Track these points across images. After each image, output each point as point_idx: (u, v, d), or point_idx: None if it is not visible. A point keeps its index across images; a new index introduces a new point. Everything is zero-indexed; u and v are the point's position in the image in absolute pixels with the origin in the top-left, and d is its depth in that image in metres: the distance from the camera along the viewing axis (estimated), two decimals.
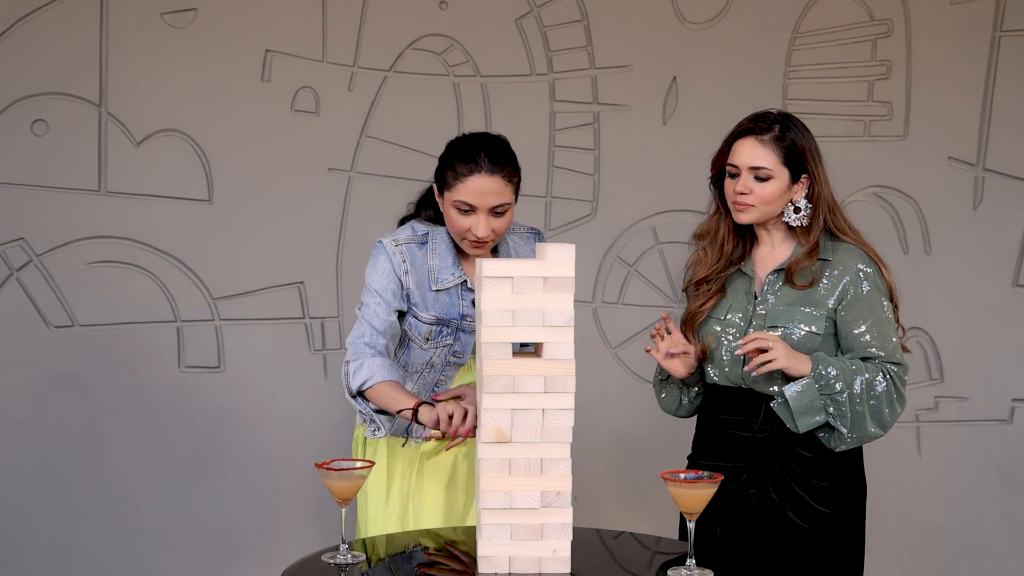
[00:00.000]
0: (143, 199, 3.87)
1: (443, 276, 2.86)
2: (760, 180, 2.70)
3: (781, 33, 3.98)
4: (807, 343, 2.69)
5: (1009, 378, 4.01)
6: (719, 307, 2.79)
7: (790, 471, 2.72)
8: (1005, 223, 4.00)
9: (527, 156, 3.96)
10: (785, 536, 2.73)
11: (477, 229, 2.77)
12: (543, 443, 2.32)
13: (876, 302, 2.71)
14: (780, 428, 2.71)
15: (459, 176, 2.77)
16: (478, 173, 2.76)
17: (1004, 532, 4.02)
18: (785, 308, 2.72)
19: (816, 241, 2.73)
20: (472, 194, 2.76)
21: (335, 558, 2.46)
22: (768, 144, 2.70)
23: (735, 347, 2.72)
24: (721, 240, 2.80)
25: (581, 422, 2.51)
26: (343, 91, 3.91)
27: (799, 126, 2.76)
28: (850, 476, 2.76)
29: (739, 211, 2.73)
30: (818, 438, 2.71)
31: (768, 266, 2.78)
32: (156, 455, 3.88)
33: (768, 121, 2.73)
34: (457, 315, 2.87)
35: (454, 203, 2.78)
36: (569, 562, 2.34)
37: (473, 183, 2.76)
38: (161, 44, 3.85)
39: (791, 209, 2.74)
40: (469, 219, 2.78)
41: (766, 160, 2.70)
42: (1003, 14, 3.97)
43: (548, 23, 3.96)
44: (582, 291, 3.90)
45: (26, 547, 3.86)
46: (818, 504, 2.72)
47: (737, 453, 2.76)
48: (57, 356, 3.85)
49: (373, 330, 2.81)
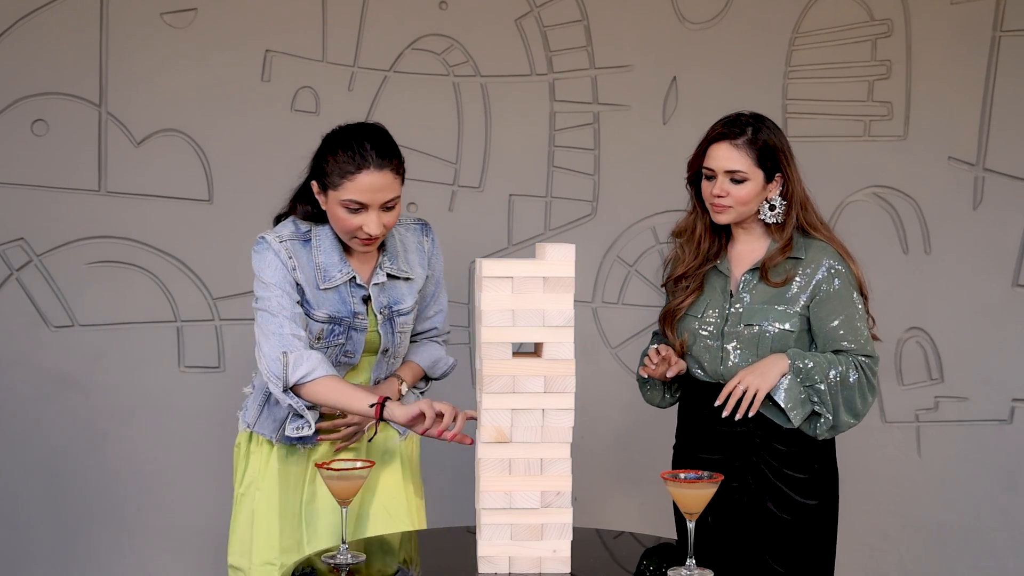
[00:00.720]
0: (143, 199, 3.87)
1: (330, 274, 2.75)
2: (736, 182, 2.82)
3: (781, 33, 3.98)
4: (781, 340, 2.81)
5: (1009, 378, 4.01)
6: (697, 304, 2.91)
7: (768, 464, 2.84)
8: (1005, 223, 4.00)
9: (527, 156, 3.98)
10: (765, 527, 2.84)
11: (369, 227, 2.67)
12: (543, 443, 2.32)
13: (847, 297, 2.82)
14: (757, 423, 2.83)
15: (345, 174, 2.65)
16: (366, 169, 2.65)
17: (1004, 532, 4.02)
18: (759, 306, 2.83)
19: (789, 237, 2.84)
20: (362, 192, 2.65)
21: (335, 558, 2.46)
22: (742, 147, 2.81)
23: (712, 345, 2.86)
24: (698, 238, 2.92)
25: (581, 422, 2.51)
26: (343, 91, 3.91)
27: (771, 126, 2.85)
28: (824, 468, 2.89)
29: (717, 212, 2.85)
30: (788, 431, 2.82)
31: (744, 264, 2.89)
32: (156, 455, 3.88)
33: (741, 124, 2.83)
34: (349, 313, 2.76)
35: (342, 202, 2.66)
36: (569, 562, 2.35)
37: (363, 180, 2.65)
38: (161, 44, 3.85)
39: (766, 207, 2.85)
40: (359, 217, 2.67)
41: (741, 163, 2.80)
42: (1003, 14, 3.97)
43: (548, 23, 3.96)
44: (582, 291, 3.89)
45: (26, 547, 3.86)
46: (796, 495, 2.84)
47: (717, 446, 2.87)
48: (57, 356, 3.85)
49: (290, 321, 2.68)
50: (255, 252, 2.76)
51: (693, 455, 2.92)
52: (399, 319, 2.83)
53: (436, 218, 3.92)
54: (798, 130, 3.95)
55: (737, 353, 2.83)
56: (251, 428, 2.87)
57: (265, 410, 2.85)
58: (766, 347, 2.81)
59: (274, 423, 2.83)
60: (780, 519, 2.83)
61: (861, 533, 3.98)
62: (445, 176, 3.95)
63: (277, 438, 2.83)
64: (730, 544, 2.83)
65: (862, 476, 3.99)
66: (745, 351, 2.83)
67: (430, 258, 2.92)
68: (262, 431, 2.85)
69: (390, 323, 2.82)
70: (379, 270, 2.81)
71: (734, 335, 2.84)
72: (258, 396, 2.88)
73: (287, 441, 2.82)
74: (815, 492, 2.86)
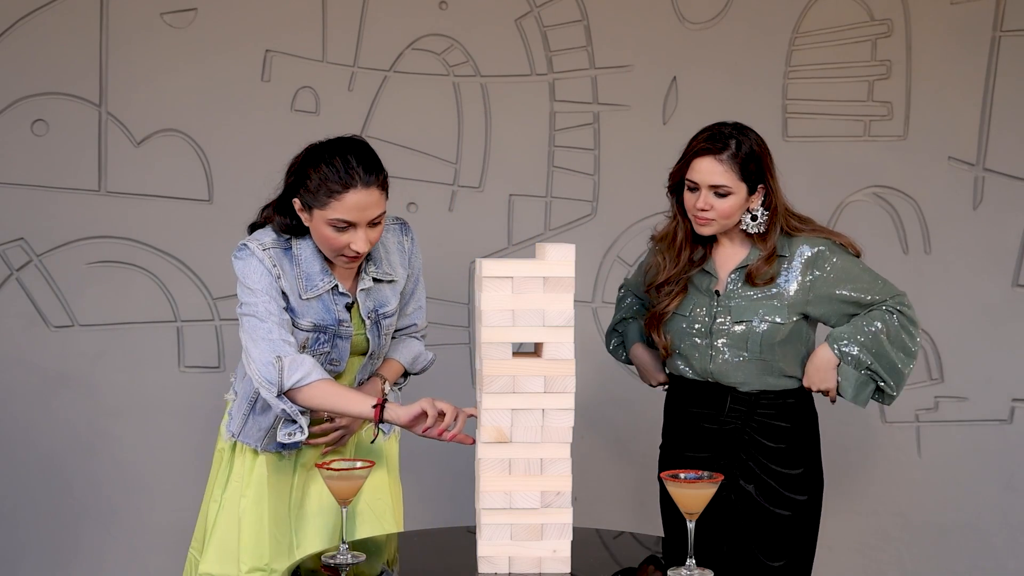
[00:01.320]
0: (143, 199, 3.87)
1: (312, 283, 2.72)
2: (720, 196, 2.83)
3: (781, 33, 3.98)
4: (772, 333, 2.84)
5: (1009, 378, 4.01)
6: (683, 305, 2.93)
7: (757, 461, 2.88)
8: (1005, 223, 4.00)
9: (527, 156, 3.98)
10: (755, 523, 2.88)
11: (357, 244, 2.64)
12: (543, 443, 2.32)
13: (846, 266, 2.87)
14: (745, 419, 2.88)
15: (332, 193, 2.60)
16: (354, 188, 2.60)
17: (1004, 532, 4.02)
18: (748, 303, 2.86)
19: (773, 246, 2.86)
20: (350, 211, 2.60)
21: (335, 558, 2.46)
22: (726, 162, 2.82)
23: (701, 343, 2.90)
24: (679, 246, 2.93)
25: (581, 422, 2.51)
26: (343, 91, 3.91)
27: (753, 138, 2.86)
28: (810, 464, 2.93)
29: (701, 225, 2.87)
30: (777, 427, 2.88)
31: (729, 265, 2.92)
32: (156, 455, 3.88)
33: (723, 138, 2.84)
34: (333, 321, 2.74)
35: (329, 221, 2.62)
36: (569, 562, 2.35)
37: (350, 199, 2.60)
38: (161, 44, 3.85)
39: (748, 217, 2.87)
40: (346, 235, 2.64)
41: (724, 178, 2.82)
42: (1003, 14, 3.97)
43: (548, 23, 3.95)
44: (582, 291, 3.89)
45: (26, 547, 3.86)
46: (785, 491, 2.87)
47: (705, 444, 2.91)
48: (57, 356, 3.85)
49: (279, 326, 2.66)
50: (237, 258, 2.73)
51: (680, 454, 2.96)
52: (384, 321, 2.83)
53: (436, 218, 3.94)
54: (798, 130, 3.96)
55: (726, 350, 2.86)
56: (236, 438, 2.83)
57: (250, 419, 2.82)
58: (756, 343, 2.84)
59: (259, 432, 2.80)
60: (771, 515, 2.87)
61: (861, 533, 3.99)
62: (445, 176, 3.95)
63: (262, 447, 2.80)
64: (721, 542, 2.85)
65: (862, 476, 3.99)
66: (734, 348, 2.86)
67: (410, 257, 2.91)
68: (247, 440, 2.82)
69: (377, 327, 2.82)
70: (364, 275, 2.79)
71: (723, 333, 2.87)
72: (242, 405, 2.83)
73: (274, 448, 2.80)
74: (805, 487, 2.90)
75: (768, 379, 2.88)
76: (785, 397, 2.90)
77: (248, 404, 2.82)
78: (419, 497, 3.86)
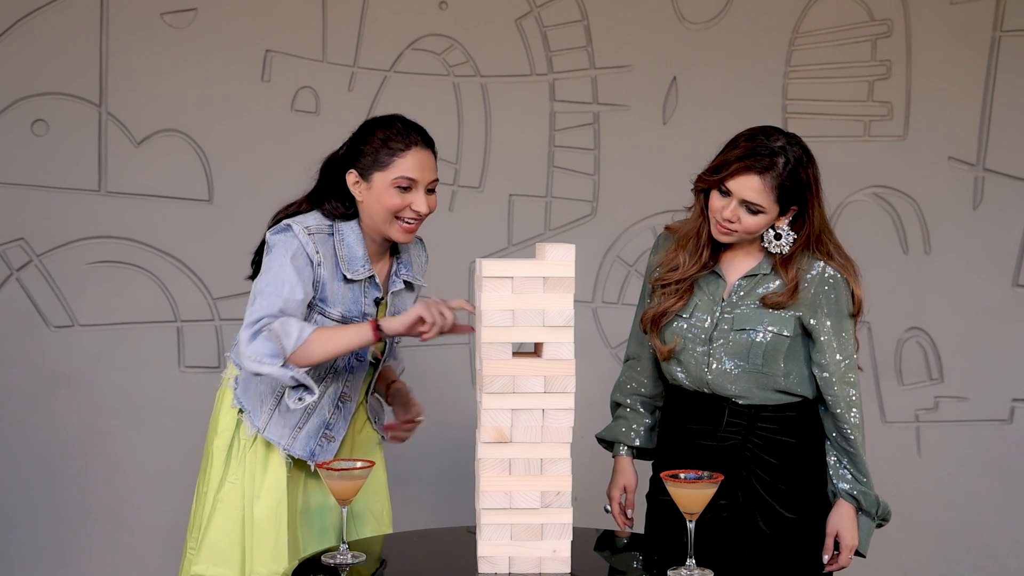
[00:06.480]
0: (143, 199, 3.87)
1: (354, 267, 2.72)
2: (750, 212, 2.68)
3: (781, 33, 3.98)
4: (775, 345, 2.71)
5: (1009, 378, 4.01)
6: (685, 307, 2.79)
7: (758, 478, 2.74)
8: (1005, 223, 4.00)
9: (527, 156, 3.98)
10: (757, 543, 2.73)
11: (418, 204, 2.69)
12: (543, 443, 2.32)
13: (840, 314, 2.73)
14: (744, 435, 2.74)
15: (395, 152, 2.68)
16: (416, 147, 2.70)
17: (1004, 532, 4.02)
18: (752, 312, 2.73)
19: (796, 277, 2.72)
20: (414, 168, 2.69)
21: (335, 558, 2.46)
22: (768, 182, 2.65)
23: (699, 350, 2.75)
24: (701, 246, 2.77)
25: (581, 422, 2.51)
26: (343, 91, 3.91)
27: (804, 162, 2.70)
28: (815, 481, 2.78)
29: (722, 233, 2.72)
30: (781, 443, 2.74)
31: (739, 271, 2.78)
32: (156, 455, 3.88)
33: (771, 155, 2.66)
34: (359, 313, 2.73)
35: (393, 181, 2.67)
36: (569, 562, 2.35)
37: (413, 156, 2.69)
38: (161, 44, 3.85)
39: (772, 234, 2.73)
40: (408, 196, 2.69)
41: (761, 198, 2.66)
42: (1003, 14, 3.97)
43: (548, 23, 3.96)
44: (582, 291, 3.89)
45: (26, 547, 3.86)
46: (786, 511, 2.74)
47: (703, 462, 2.71)
48: (57, 356, 3.86)
49: (289, 303, 2.60)
50: (276, 234, 2.68)
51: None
52: None
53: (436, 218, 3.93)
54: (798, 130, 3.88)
55: (723, 360, 2.73)
56: (261, 432, 2.75)
57: (276, 415, 2.76)
58: (757, 354, 2.70)
59: (283, 430, 2.74)
60: (770, 534, 2.73)
61: None
62: (445, 176, 3.95)
63: (286, 444, 2.74)
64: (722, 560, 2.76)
65: None
66: (732, 358, 2.72)
67: (423, 271, 2.97)
68: (271, 436, 2.74)
69: None
70: (395, 278, 2.81)
71: (722, 341, 2.73)
72: (268, 401, 2.76)
73: (307, 455, 2.75)
74: (803, 506, 2.75)
75: (768, 394, 2.73)
76: (785, 410, 2.74)
77: (274, 400, 2.75)
78: (419, 497, 3.86)
